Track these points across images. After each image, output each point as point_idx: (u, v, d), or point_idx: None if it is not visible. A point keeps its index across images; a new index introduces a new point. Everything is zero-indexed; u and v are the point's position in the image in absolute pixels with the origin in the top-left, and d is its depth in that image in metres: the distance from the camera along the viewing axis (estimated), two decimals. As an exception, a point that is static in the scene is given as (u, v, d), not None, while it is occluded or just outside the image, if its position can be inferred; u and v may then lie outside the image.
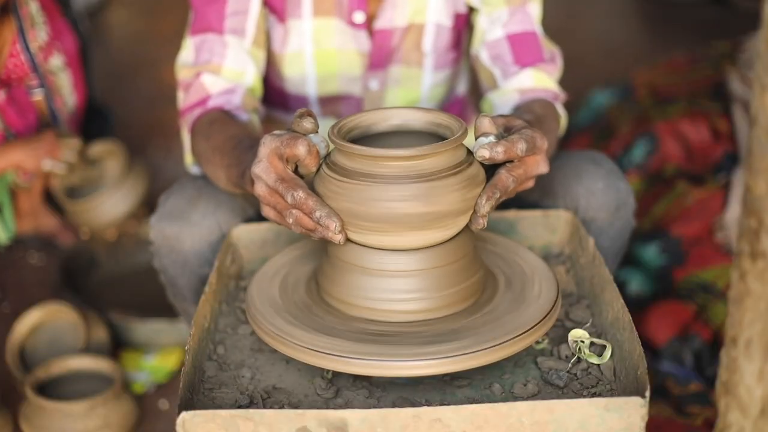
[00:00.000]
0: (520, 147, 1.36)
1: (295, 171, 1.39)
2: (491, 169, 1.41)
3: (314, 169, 1.38)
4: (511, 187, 1.38)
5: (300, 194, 1.33)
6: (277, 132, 1.38)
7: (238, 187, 1.57)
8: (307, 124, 1.38)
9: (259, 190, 1.37)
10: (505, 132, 1.43)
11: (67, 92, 2.70)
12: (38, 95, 2.58)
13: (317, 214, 1.33)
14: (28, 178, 2.63)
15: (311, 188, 1.38)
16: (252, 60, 1.79)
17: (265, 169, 1.36)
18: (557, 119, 1.76)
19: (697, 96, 2.98)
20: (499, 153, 1.35)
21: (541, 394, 1.34)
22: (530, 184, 1.45)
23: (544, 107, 1.72)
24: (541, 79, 1.79)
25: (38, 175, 2.66)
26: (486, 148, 1.35)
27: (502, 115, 1.47)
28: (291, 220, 1.36)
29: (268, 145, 1.35)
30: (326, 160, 1.40)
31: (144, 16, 4.99)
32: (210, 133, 1.67)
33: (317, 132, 1.39)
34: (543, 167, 1.43)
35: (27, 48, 2.50)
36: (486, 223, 1.37)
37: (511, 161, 1.39)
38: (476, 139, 1.40)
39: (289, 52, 1.86)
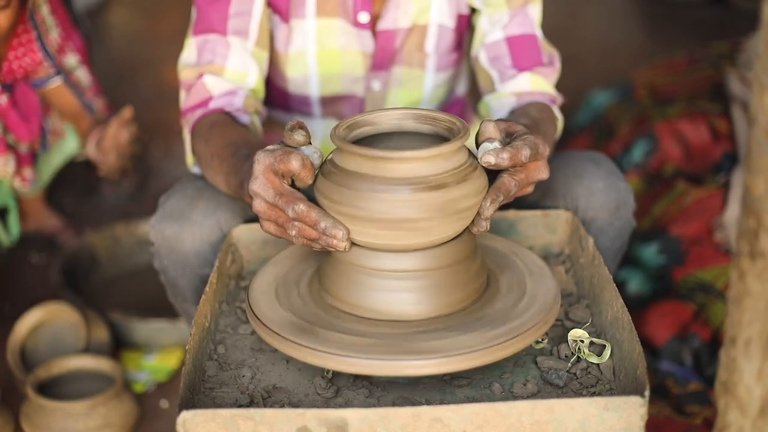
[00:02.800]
0: (525, 153, 1.37)
1: (292, 184, 1.39)
2: (492, 171, 1.41)
3: (310, 182, 1.38)
4: (513, 191, 1.40)
5: (301, 207, 1.34)
6: (270, 147, 1.38)
7: (237, 195, 1.58)
8: (298, 137, 1.38)
9: (258, 206, 1.38)
10: (507, 137, 1.44)
11: (88, 87, 2.71)
12: (56, 82, 2.57)
13: (322, 224, 1.33)
14: (29, 185, 2.61)
15: (311, 193, 1.39)
16: (255, 61, 1.79)
17: (262, 186, 1.36)
18: (554, 122, 1.77)
19: (696, 96, 2.98)
20: (504, 159, 1.36)
21: (541, 393, 1.34)
22: (530, 189, 1.46)
23: (540, 111, 1.73)
24: (538, 83, 1.79)
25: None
26: (492, 155, 1.36)
27: (503, 120, 1.48)
28: (294, 232, 1.36)
29: (262, 162, 1.36)
30: (327, 160, 1.40)
31: (144, 16, 4.99)
32: (209, 137, 1.67)
33: (310, 143, 1.39)
34: (544, 173, 1.44)
35: (47, 52, 2.50)
36: (489, 226, 1.38)
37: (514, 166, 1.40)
38: (480, 144, 1.41)
39: (292, 53, 1.86)
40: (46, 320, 2.34)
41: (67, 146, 2.74)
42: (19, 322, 2.33)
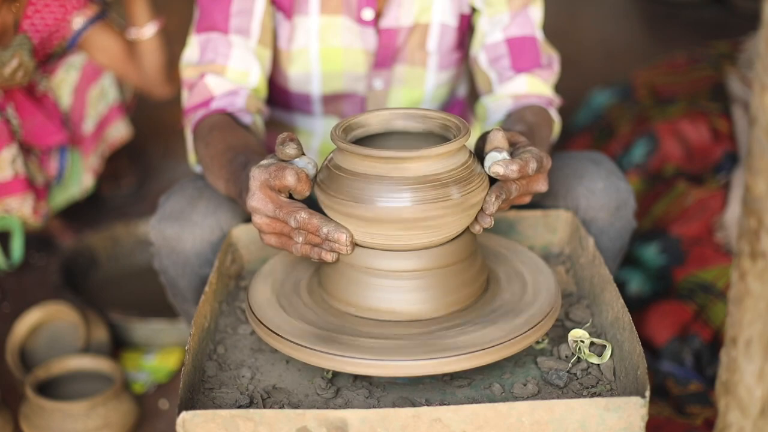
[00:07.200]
0: (532, 167, 1.39)
1: (289, 195, 1.39)
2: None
3: (308, 194, 1.37)
4: (514, 194, 1.40)
5: (302, 215, 1.34)
6: (264, 162, 1.38)
7: (237, 201, 1.58)
8: (290, 150, 1.37)
9: (259, 220, 1.38)
10: (509, 146, 1.44)
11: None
12: (94, 25, 2.52)
13: (324, 230, 1.33)
14: (40, 219, 2.58)
15: (311, 197, 1.39)
16: (257, 60, 1.78)
17: (260, 201, 1.36)
18: (550, 125, 1.77)
19: (697, 96, 2.98)
20: (513, 171, 1.37)
21: (541, 394, 1.34)
22: (527, 199, 1.47)
23: (536, 114, 1.74)
24: (535, 85, 1.80)
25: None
26: (500, 165, 1.37)
27: (507, 130, 1.49)
28: (300, 239, 1.36)
29: (257, 178, 1.36)
30: (328, 160, 1.40)
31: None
32: (209, 140, 1.67)
33: (303, 154, 1.39)
34: (543, 186, 1.45)
35: None
36: (493, 223, 1.38)
37: None
38: (487, 152, 1.41)
39: (294, 50, 1.86)
40: (45, 320, 2.34)
41: (85, 180, 2.72)
42: (18, 322, 2.33)
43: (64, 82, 2.56)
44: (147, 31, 2.56)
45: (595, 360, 1.38)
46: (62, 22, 2.48)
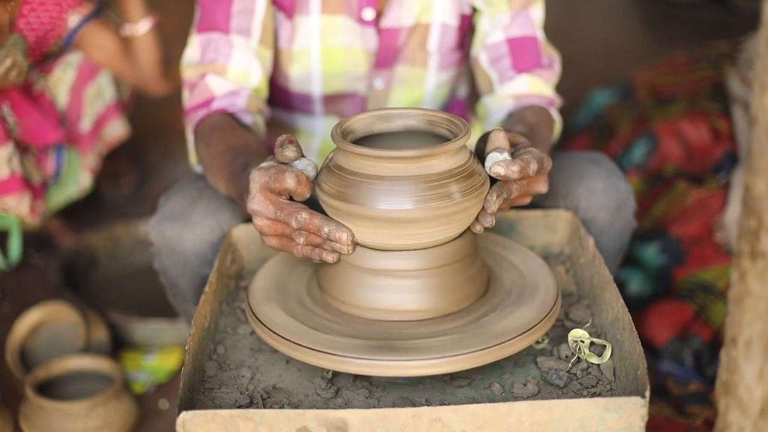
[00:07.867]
0: (533, 168, 1.39)
1: (289, 197, 1.39)
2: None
3: (308, 196, 1.38)
4: (514, 194, 1.41)
5: (303, 216, 1.34)
6: (264, 165, 1.38)
7: (236, 203, 1.58)
8: (289, 152, 1.37)
9: (261, 223, 1.38)
10: (510, 147, 1.45)
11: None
12: (89, 23, 2.53)
13: (326, 229, 1.34)
14: (38, 218, 2.57)
15: (312, 197, 1.39)
16: (258, 60, 1.78)
17: (261, 203, 1.36)
18: (551, 125, 1.78)
19: (697, 96, 2.98)
20: (514, 172, 1.37)
21: (541, 394, 1.34)
22: (527, 200, 1.47)
23: (537, 114, 1.74)
24: (536, 85, 1.80)
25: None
26: (501, 166, 1.37)
27: (509, 131, 1.50)
28: (302, 240, 1.36)
29: (257, 181, 1.36)
30: (328, 160, 1.40)
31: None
32: (210, 140, 1.67)
33: (303, 156, 1.39)
34: (543, 187, 1.46)
35: None
36: (494, 222, 1.38)
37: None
38: (488, 152, 1.41)
39: (295, 50, 1.86)
40: (45, 320, 2.34)
41: (83, 179, 2.71)
42: (18, 322, 2.32)
43: (60, 81, 2.56)
44: (141, 27, 2.56)
45: (595, 360, 1.38)
46: (58, 21, 2.48)
